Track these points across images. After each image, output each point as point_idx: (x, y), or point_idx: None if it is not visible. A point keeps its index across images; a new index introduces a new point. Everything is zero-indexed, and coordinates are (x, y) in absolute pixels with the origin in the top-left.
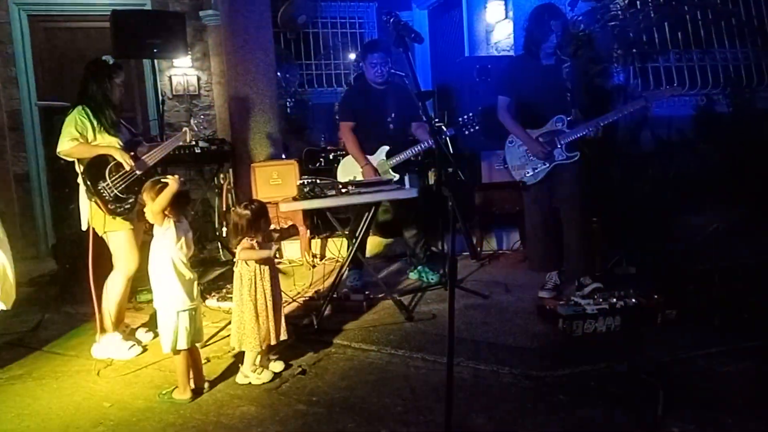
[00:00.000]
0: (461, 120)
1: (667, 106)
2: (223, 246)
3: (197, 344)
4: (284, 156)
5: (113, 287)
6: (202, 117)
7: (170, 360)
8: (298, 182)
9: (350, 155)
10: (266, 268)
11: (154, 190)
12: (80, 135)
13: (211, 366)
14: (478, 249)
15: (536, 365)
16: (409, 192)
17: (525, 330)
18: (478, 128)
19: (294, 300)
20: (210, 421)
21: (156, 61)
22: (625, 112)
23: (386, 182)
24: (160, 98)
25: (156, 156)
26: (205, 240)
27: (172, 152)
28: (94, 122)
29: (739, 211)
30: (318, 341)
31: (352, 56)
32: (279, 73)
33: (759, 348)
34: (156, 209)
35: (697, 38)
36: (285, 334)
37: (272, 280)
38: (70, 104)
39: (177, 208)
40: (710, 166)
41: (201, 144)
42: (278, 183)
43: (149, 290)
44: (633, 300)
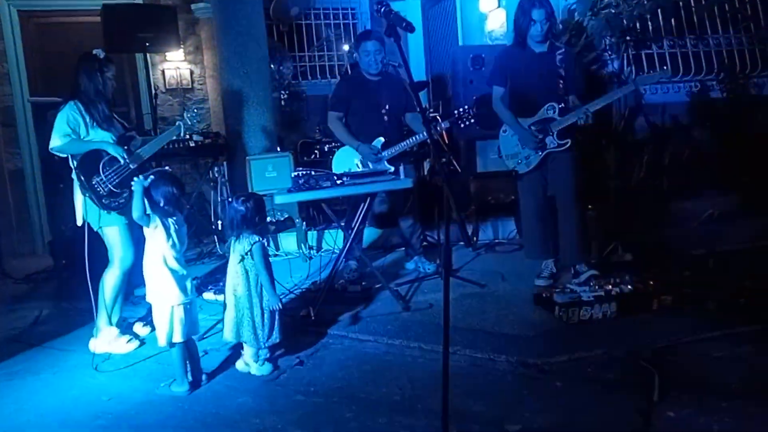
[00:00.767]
0: (457, 113)
1: (662, 93)
2: (219, 239)
3: (194, 337)
4: (279, 149)
5: (110, 281)
6: (196, 111)
7: (168, 353)
8: (293, 174)
9: (344, 145)
10: None
11: None
12: (72, 131)
13: (209, 358)
14: (474, 239)
15: (533, 353)
16: (405, 182)
17: (521, 318)
18: (474, 120)
19: (291, 292)
20: (209, 413)
21: (148, 55)
22: (615, 98)
23: (381, 173)
24: (153, 92)
25: (150, 150)
26: (201, 234)
27: (166, 146)
28: (87, 117)
29: (733, 197)
30: (315, 332)
31: (346, 47)
32: (272, 66)
33: (754, 333)
34: (136, 215)
35: (691, 25)
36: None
37: None
38: (63, 99)
39: (158, 208)
40: (704, 153)
41: (195, 138)
42: (273, 175)
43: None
44: (629, 287)
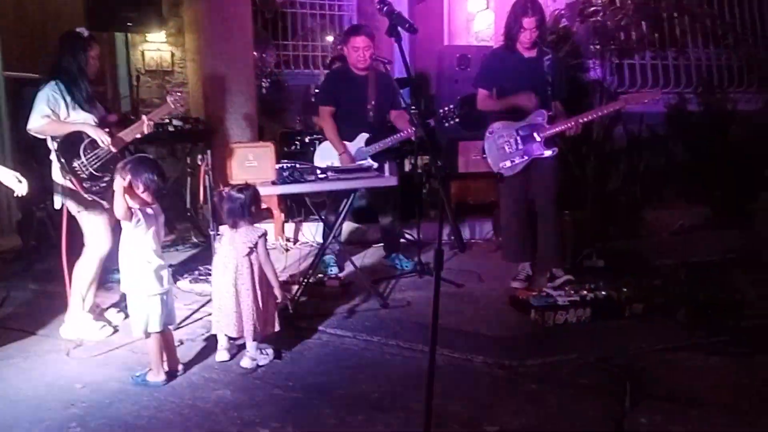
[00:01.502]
0: (441, 112)
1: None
2: (194, 227)
3: (170, 326)
4: (258, 138)
5: (84, 267)
6: (179, 94)
7: (143, 341)
8: (277, 166)
9: (328, 140)
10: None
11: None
12: (52, 112)
13: (185, 349)
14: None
15: (509, 354)
16: (389, 180)
17: (498, 319)
18: (458, 120)
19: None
20: (185, 404)
21: (129, 35)
22: (605, 113)
23: (366, 169)
24: (136, 74)
25: (132, 134)
26: (176, 220)
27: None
28: (68, 98)
29: (705, 209)
30: (293, 326)
31: (330, 38)
32: (255, 53)
33: (722, 344)
34: (119, 214)
35: (673, 37)
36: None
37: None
38: (41, 76)
39: (138, 198)
40: (678, 164)
41: (175, 122)
42: (253, 165)
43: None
44: (603, 293)
